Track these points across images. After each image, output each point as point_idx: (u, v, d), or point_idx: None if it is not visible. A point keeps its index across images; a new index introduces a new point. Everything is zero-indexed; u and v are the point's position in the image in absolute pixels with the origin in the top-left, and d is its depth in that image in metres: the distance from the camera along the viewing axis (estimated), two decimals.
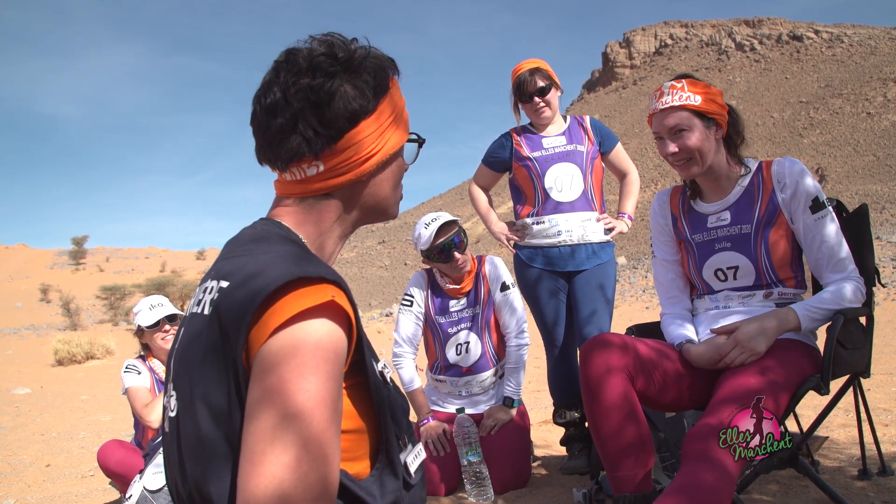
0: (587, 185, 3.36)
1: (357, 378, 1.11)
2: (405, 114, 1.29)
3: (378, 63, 1.22)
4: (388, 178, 1.28)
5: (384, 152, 1.23)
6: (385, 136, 1.22)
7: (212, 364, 1.02)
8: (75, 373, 13.60)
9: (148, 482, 2.69)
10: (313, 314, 0.99)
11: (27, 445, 5.65)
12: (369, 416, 1.13)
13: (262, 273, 1.02)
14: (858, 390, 2.53)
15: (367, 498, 1.08)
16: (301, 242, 1.20)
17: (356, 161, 1.19)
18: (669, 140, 2.27)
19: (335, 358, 0.99)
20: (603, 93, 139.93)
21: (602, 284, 3.37)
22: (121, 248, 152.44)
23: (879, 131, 71.24)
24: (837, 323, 2.04)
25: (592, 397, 2.11)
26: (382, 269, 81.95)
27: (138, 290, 45.07)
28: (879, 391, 4.73)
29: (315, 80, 1.15)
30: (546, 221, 3.38)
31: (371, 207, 1.28)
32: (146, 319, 3.45)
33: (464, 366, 3.40)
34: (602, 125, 3.57)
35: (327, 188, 1.21)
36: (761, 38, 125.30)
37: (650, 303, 20.85)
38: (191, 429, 1.04)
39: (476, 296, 3.45)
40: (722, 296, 2.37)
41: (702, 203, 2.42)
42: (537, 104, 3.37)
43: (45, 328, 39.77)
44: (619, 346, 2.15)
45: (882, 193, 51.51)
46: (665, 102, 2.27)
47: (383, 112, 1.22)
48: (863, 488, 2.71)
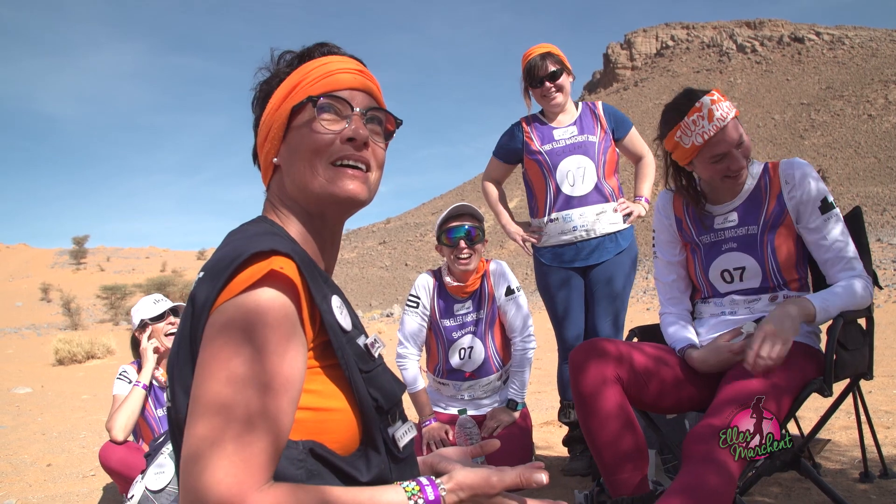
0: (599, 176, 3.34)
1: (334, 359, 1.12)
2: (309, 88, 1.23)
3: (294, 52, 1.30)
4: (294, 150, 1.22)
5: (276, 126, 1.24)
6: (278, 112, 1.24)
7: (186, 351, 1.06)
8: (76, 372, 13.59)
9: (150, 482, 2.68)
10: (255, 286, 1.01)
11: (28, 445, 5.65)
12: (353, 395, 1.14)
13: (224, 257, 1.05)
14: (858, 393, 2.53)
15: (351, 471, 1.11)
16: (284, 233, 1.22)
17: (263, 135, 1.26)
18: (738, 154, 2.21)
19: (276, 323, 1.00)
20: (604, 94, 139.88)
21: (619, 276, 3.35)
22: (121, 247, 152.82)
23: (880, 133, 71.21)
24: (838, 324, 2.04)
25: (587, 408, 2.11)
26: (383, 269, 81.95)
27: (139, 289, 45.19)
28: (881, 393, 4.73)
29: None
30: (560, 218, 3.35)
31: (293, 182, 1.23)
32: (150, 312, 3.44)
33: (467, 371, 3.38)
34: (615, 110, 3.52)
35: (265, 173, 1.29)
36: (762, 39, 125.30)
37: (651, 304, 20.85)
38: (174, 415, 1.07)
39: (481, 299, 3.41)
40: (727, 300, 2.35)
41: (709, 205, 2.40)
42: (548, 89, 3.33)
43: (46, 327, 39.84)
44: (613, 357, 2.14)
45: (883, 195, 51.46)
46: (724, 117, 2.17)
47: (286, 86, 1.24)
48: (865, 491, 2.71)
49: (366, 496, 1.04)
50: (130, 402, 3.24)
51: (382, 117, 1.30)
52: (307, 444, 1.07)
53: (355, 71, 1.27)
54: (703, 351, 2.21)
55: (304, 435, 1.07)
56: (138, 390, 3.28)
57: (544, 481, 1.14)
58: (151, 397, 3.43)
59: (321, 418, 1.09)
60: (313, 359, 1.10)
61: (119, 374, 3.43)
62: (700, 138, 2.19)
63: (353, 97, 1.25)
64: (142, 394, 3.27)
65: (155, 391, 3.45)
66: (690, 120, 2.19)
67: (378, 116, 1.29)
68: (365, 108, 1.25)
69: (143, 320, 3.44)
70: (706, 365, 2.17)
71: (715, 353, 2.15)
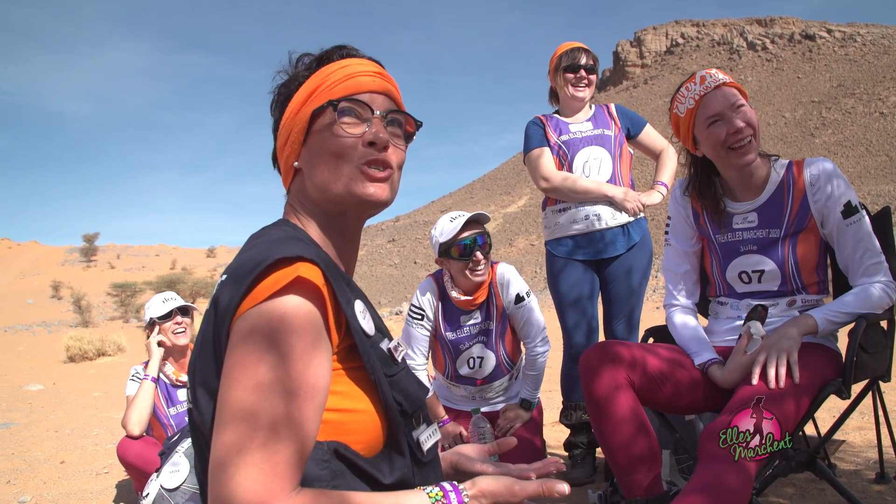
0: (616, 169, 3.33)
1: (358, 361, 1.14)
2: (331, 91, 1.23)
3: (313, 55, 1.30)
4: (316, 153, 1.22)
5: (297, 128, 1.24)
6: (300, 114, 1.24)
7: (209, 353, 1.06)
8: (87, 369, 13.65)
9: (165, 480, 2.69)
10: (281, 293, 1.01)
11: (41, 442, 5.68)
12: (377, 397, 1.15)
13: (248, 261, 1.05)
14: (878, 394, 2.51)
15: (374, 473, 1.12)
16: (307, 237, 1.22)
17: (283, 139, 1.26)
18: (734, 116, 2.17)
19: (301, 330, 1.01)
20: (614, 92, 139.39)
21: (634, 271, 3.32)
22: (131, 245, 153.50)
23: (892, 131, 70.62)
24: (860, 327, 2.01)
25: (600, 413, 2.10)
26: (392, 267, 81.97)
27: (149, 287, 45.32)
28: (894, 393, 4.69)
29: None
30: (573, 207, 3.32)
31: (316, 185, 1.23)
32: (158, 311, 3.50)
33: (478, 378, 3.34)
34: (627, 110, 3.54)
35: (285, 176, 1.30)
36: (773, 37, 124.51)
37: (660, 302, 20.76)
38: (197, 417, 1.08)
39: (489, 309, 3.28)
40: (744, 304, 2.33)
41: (729, 202, 2.35)
42: (580, 78, 3.36)
43: (57, 325, 40.04)
44: (627, 362, 2.12)
45: (894, 194, 51.06)
46: (717, 80, 2.19)
47: (306, 90, 1.24)
48: (880, 492, 2.70)
49: (390, 501, 1.05)
50: (142, 396, 3.31)
51: (402, 119, 1.30)
52: (331, 444, 1.07)
53: (375, 73, 1.27)
54: (727, 371, 2.13)
55: (329, 436, 1.07)
56: (147, 384, 3.34)
57: (566, 491, 1.15)
58: (163, 395, 3.46)
59: (345, 419, 1.10)
60: (337, 361, 1.11)
61: (132, 376, 3.48)
62: (692, 101, 2.23)
63: (373, 100, 1.25)
64: (151, 387, 3.35)
65: (167, 389, 3.48)
66: (683, 88, 2.26)
67: (398, 119, 1.29)
68: (385, 111, 1.25)
69: (151, 319, 3.50)
70: (733, 383, 2.10)
71: (739, 370, 2.09)
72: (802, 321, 2.06)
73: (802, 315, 2.10)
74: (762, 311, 2.17)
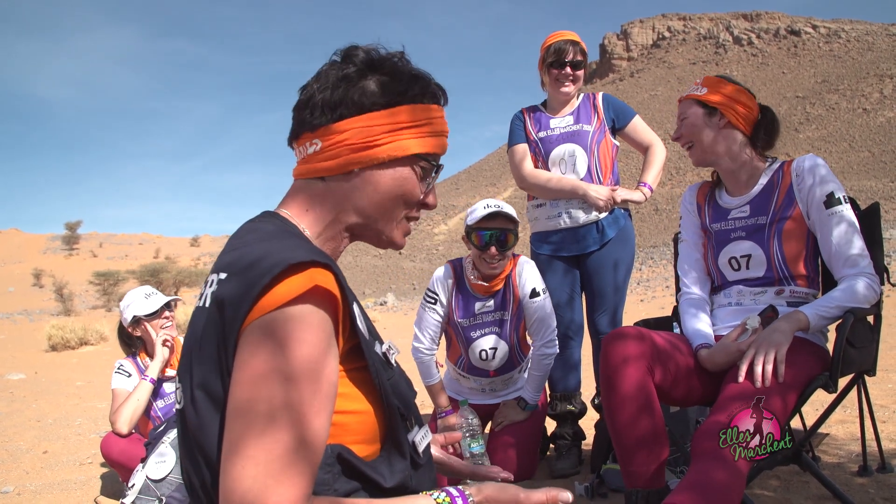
0: (592, 165, 3.34)
1: (358, 363, 1.14)
2: (433, 140, 1.26)
3: (413, 75, 1.25)
4: (385, 181, 1.23)
5: (383, 150, 1.21)
6: (390, 136, 1.21)
7: (209, 353, 1.04)
8: (69, 358, 13.54)
9: (150, 471, 2.68)
10: (296, 301, 1.00)
11: (23, 432, 5.63)
12: (375, 398, 1.15)
13: (255, 261, 1.03)
14: (863, 388, 2.54)
15: (375, 477, 1.12)
16: (298, 232, 1.21)
17: (349, 146, 1.20)
18: (679, 127, 2.47)
19: (316, 340, 1.00)
20: (600, 84, 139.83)
21: (614, 264, 3.34)
22: (114, 233, 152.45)
23: (875, 127, 71.43)
24: (847, 322, 2.04)
25: (610, 386, 2.11)
26: (377, 258, 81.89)
27: (132, 276, 44.96)
28: (876, 388, 4.75)
29: (342, 68, 1.23)
30: (547, 204, 3.37)
31: (363, 209, 1.24)
32: (145, 308, 3.38)
33: (490, 369, 3.32)
34: (615, 100, 3.52)
35: (322, 170, 1.22)
36: (759, 32, 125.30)
37: (644, 295, 20.92)
38: (193, 418, 1.06)
39: (504, 300, 3.27)
40: (734, 291, 2.39)
41: (727, 197, 2.48)
42: (566, 75, 3.36)
43: (39, 313, 39.68)
44: (636, 337, 2.16)
45: (877, 189, 51.70)
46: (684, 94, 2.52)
47: (397, 115, 1.21)
48: (863, 485, 2.73)
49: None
50: (138, 396, 3.22)
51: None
52: (335, 448, 1.08)
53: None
54: (711, 350, 2.21)
55: (330, 438, 1.07)
56: (146, 385, 3.26)
57: (570, 500, 1.17)
58: None
59: (345, 420, 1.10)
60: (339, 363, 1.10)
61: (117, 369, 3.40)
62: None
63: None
64: (149, 388, 3.26)
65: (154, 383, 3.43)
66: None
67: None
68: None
69: (136, 316, 3.38)
70: (715, 364, 2.17)
71: (723, 353, 2.14)
72: (794, 317, 2.09)
73: (794, 311, 2.12)
74: (770, 311, 2.20)
